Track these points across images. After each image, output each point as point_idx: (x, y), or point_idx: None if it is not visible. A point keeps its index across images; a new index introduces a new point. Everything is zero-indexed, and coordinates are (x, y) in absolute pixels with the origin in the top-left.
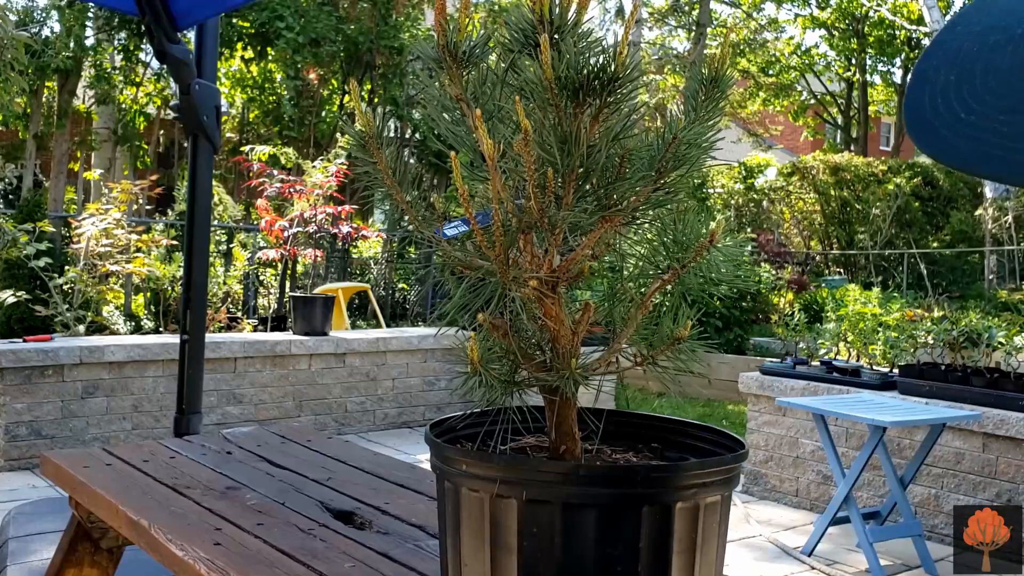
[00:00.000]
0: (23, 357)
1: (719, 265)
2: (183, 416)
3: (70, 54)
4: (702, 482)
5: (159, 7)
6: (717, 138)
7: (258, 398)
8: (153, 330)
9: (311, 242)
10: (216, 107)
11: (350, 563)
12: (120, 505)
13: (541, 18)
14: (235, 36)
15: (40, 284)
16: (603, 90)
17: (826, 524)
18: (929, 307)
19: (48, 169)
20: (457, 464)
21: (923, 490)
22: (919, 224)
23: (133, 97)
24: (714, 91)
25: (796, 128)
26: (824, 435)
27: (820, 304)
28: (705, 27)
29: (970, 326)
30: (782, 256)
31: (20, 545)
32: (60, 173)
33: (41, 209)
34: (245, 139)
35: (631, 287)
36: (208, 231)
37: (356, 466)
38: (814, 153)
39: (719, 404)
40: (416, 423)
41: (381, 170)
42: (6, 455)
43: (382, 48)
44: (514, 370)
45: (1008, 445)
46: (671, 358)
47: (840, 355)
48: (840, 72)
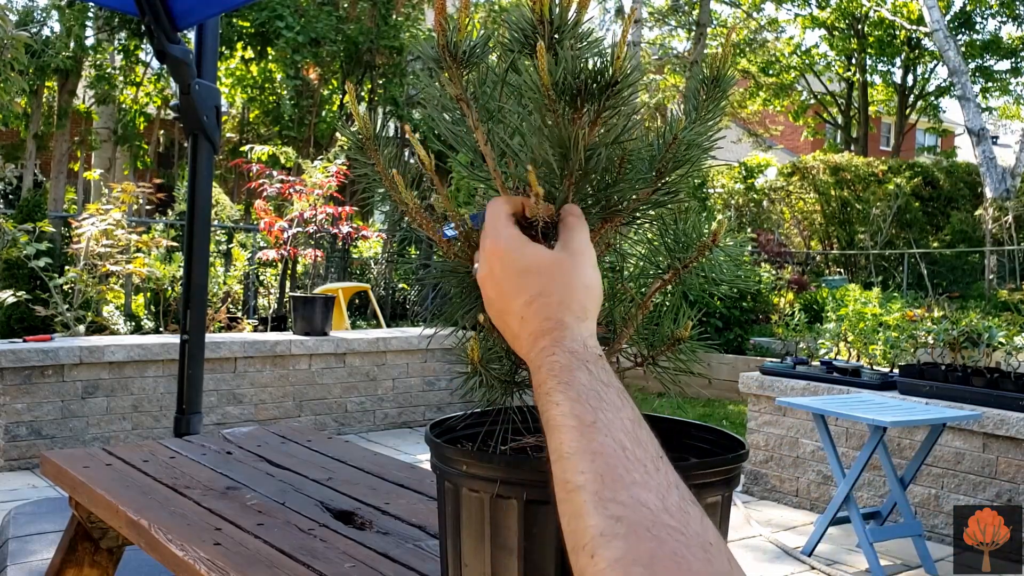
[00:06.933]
0: (23, 357)
1: (720, 265)
2: (183, 416)
3: (70, 54)
4: (702, 482)
5: (159, 7)
6: (718, 138)
7: (258, 398)
8: (153, 330)
9: (311, 242)
10: (216, 107)
11: (350, 563)
12: (120, 505)
13: (541, 18)
14: (235, 36)
15: (40, 284)
16: (601, 95)
17: (826, 524)
18: (929, 307)
19: (48, 169)
20: (457, 464)
21: (923, 490)
22: (919, 224)
23: (133, 97)
24: (715, 91)
25: (796, 128)
26: (824, 435)
27: (820, 304)
28: (705, 27)
29: (970, 326)
30: (782, 256)
31: (20, 545)
32: (60, 173)
33: (41, 209)
34: (245, 139)
35: (631, 287)
36: (208, 231)
37: (356, 466)
38: (814, 153)
39: (719, 404)
40: (416, 423)
41: (379, 171)
42: (6, 455)
43: (382, 48)
44: (514, 370)
45: (1008, 445)
46: (671, 358)
47: (840, 355)
48: (840, 72)
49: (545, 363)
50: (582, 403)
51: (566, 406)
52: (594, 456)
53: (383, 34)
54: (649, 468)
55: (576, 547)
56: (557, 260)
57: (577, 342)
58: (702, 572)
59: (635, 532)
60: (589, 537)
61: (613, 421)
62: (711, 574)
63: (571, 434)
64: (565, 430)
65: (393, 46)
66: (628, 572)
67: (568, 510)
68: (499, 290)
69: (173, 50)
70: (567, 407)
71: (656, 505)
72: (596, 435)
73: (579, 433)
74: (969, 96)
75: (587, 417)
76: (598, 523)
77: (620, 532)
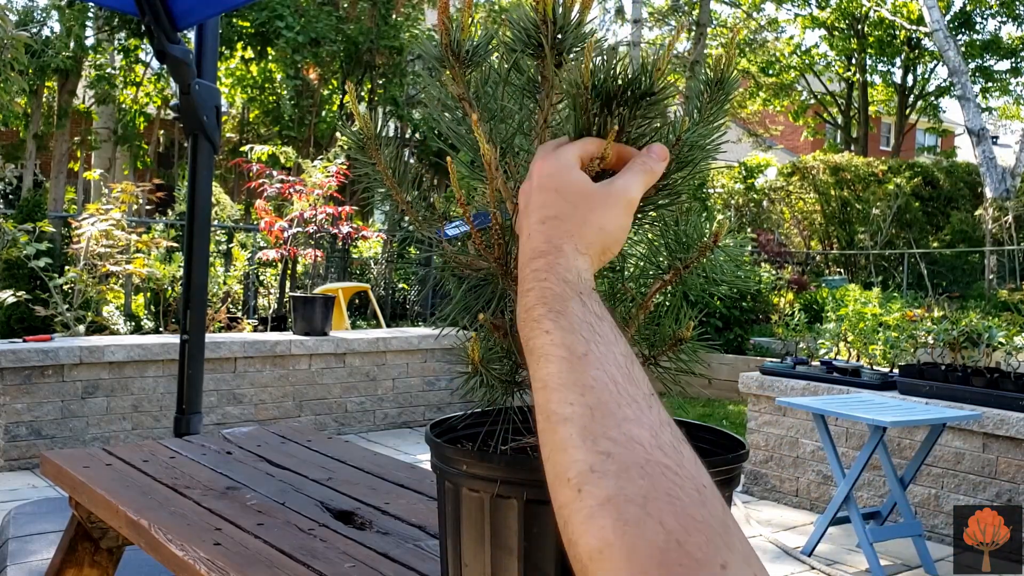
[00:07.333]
0: (23, 357)
1: (720, 265)
2: (183, 416)
3: (70, 54)
4: None
5: (159, 7)
6: (721, 140)
7: (258, 398)
8: (153, 330)
9: (311, 242)
10: (216, 107)
11: (350, 563)
12: (120, 505)
13: (544, 18)
14: (235, 36)
15: (40, 284)
16: (635, 103)
17: (826, 524)
18: (929, 307)
19: (48, 169)
20: (457, 464)
21: (923, 490)
22: (919, 224)
23: (133, 97)
24: (718, 93)
25: (796, 128)
26: (824, 435)
27: (820, 304)
28: (705, 27)
29: (970, 326)
30: (782, 256)
31: (20, 545)
32: (60, 173)
33: (41, 209)
34: (245, 139)
35: (632, 287)
36: (208, 231)
37: (356, 466)
38: (814, 153)
39: (719, 404)
40: (416, 423)
41: (380, 171)
42: (6, 455)
43: (382, 48)
44: (515, 370)
45: (1008, 445)
46: (672, 358)
47: (840, 355)
48: (840, 72)
49: (537, 287)
50: (575, 334)
51: (557, 335)
52: (584, 389)
53: (383, 34)
54: (642, 404)
55: (559, 480)
56: (588, 192)
57: (571, 272)
58: (697, 513)
59: (627, 470)
60: (576, 471)
61: (606, 355)
62: (706, 516)
63: (561, 365)
64: (554, 360)
65: (393, 46)
66: (621, 511)
67: (552, 441)
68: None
69: (173, 50)
70: (558, 336)
71: (650, 442)
72: (588, 368)
73: (569, 364)
74: (969, 96)
75: (579, 348)
76: (587, 458)
77: (611, 469)
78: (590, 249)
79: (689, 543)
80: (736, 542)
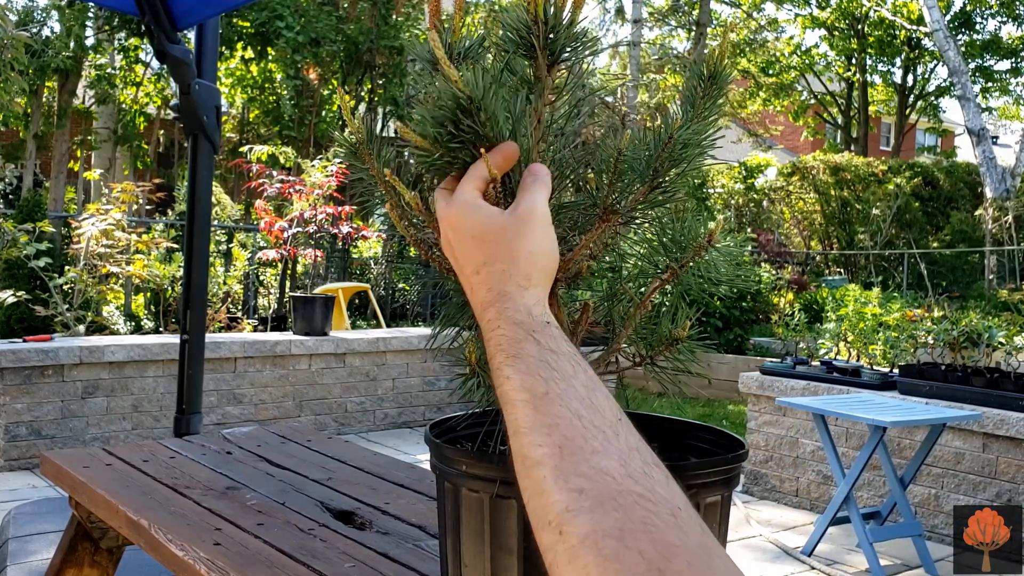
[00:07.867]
0: (23, 357)
1: (718, 265)
2: (183, 416)
3: (70, 54)
4: (702, 482)
5: (159, 7)
6: (716, 137)
7: (258, 398)
8: (153, 330)
9: (311, 242)
10: (216, 107)
11: (350, 563)
12: (120, 505)
13: (535, 18)
14: (235, 36)
15: (40, 284)
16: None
17: (826, 524)
18: (929, 307)
19: (48, 169)
20: (457, 464)
21: (923, 490)
22: (919, 224)
23: (133, 97)
24: (712, 88)
25: (796, 128)
26: (824, 435)
27: (820, 304)
28: (705, 27)
29: (970, 326)
30: (782, 256)
31: (20, 545)
32: (60, 173)
33: (41, 209)
34: (245, 139)
35: (630, 287)
36: (208, 231)
37: (356, 466)
38: (814, 153)
39: (719, 404)
40: (416, 423)
41: (374, 175)
42: (6, 455)
43: (382, 48)
44: None
45: (1008, 445)
46: (670, 358)
47: (840, 355)
48: (840, 72)
49: (492, 337)
50: (532, 375)
51: (516, 380)
52: (550, 429)
53: (383, 34)
54: (608, 434)
55: (541, 523)
56: (503, 226)
57: (521, 312)
58: (674, 538)
59: (601, 504)
60: (555, 513)
61: (566, 390)
62: (683, 540)
63: (524, 408)
64: (519, 404)
65: (393, 46)
66: (600, 547)
67: (530, 486)
68: (454, 257)
69: (173, 50)
70: (517, 380)
71: (619, 472)
72: (550, 406)
73: (532, 407)
74: (969, 96)
75: (538, 388)
76: (562, 498)
77: (585, 506)
78: (531, 279)
79: (670, 570)
80: (717, 562)
